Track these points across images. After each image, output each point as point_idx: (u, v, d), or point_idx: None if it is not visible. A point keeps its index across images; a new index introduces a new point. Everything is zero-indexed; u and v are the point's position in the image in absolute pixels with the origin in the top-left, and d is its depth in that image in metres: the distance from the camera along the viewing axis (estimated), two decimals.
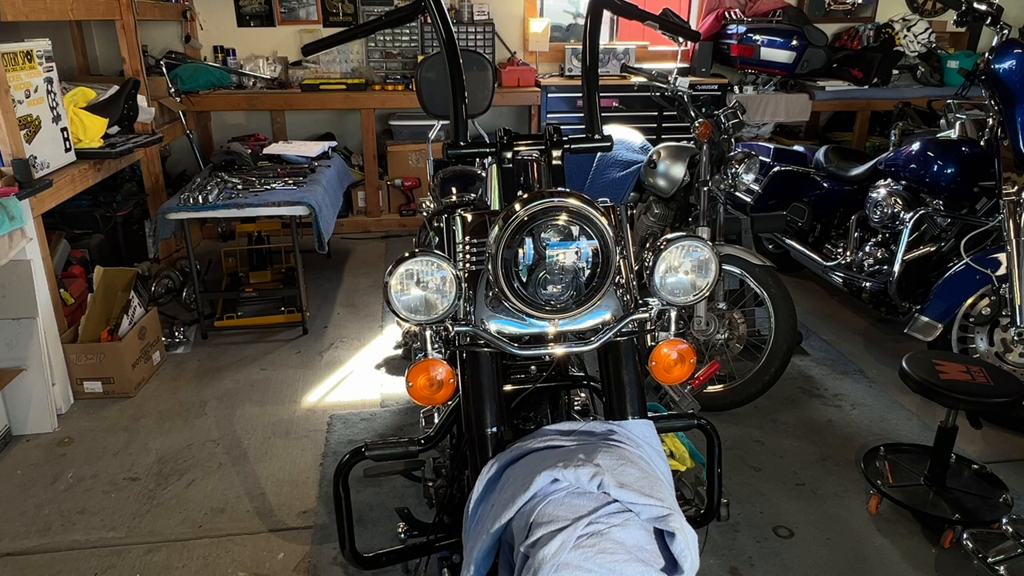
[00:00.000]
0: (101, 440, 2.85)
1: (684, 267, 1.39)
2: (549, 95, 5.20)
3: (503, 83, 5.16)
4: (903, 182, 3.39)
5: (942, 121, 3.45)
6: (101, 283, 3.30)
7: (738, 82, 5.43)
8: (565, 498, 1.12)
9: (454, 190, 2.59)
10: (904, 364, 2.38)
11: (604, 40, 5.66)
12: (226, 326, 3.80)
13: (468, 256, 1.47)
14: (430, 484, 1.71)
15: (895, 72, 5.41)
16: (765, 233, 4.03)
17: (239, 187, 3.70)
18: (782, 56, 5.02)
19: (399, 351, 3.52)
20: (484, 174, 2.67)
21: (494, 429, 1.38)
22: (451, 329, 1.36)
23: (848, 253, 3.65)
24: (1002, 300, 2.81)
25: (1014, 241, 2.78)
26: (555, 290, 1.32)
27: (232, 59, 5.23)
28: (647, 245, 3.39)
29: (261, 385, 3.26)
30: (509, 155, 1.56)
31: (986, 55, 3.00)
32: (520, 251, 1.29)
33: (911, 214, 3.29)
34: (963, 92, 3.39)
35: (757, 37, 5.11)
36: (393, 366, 3.42)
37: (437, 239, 2.41)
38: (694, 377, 2.65)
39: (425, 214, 2.86)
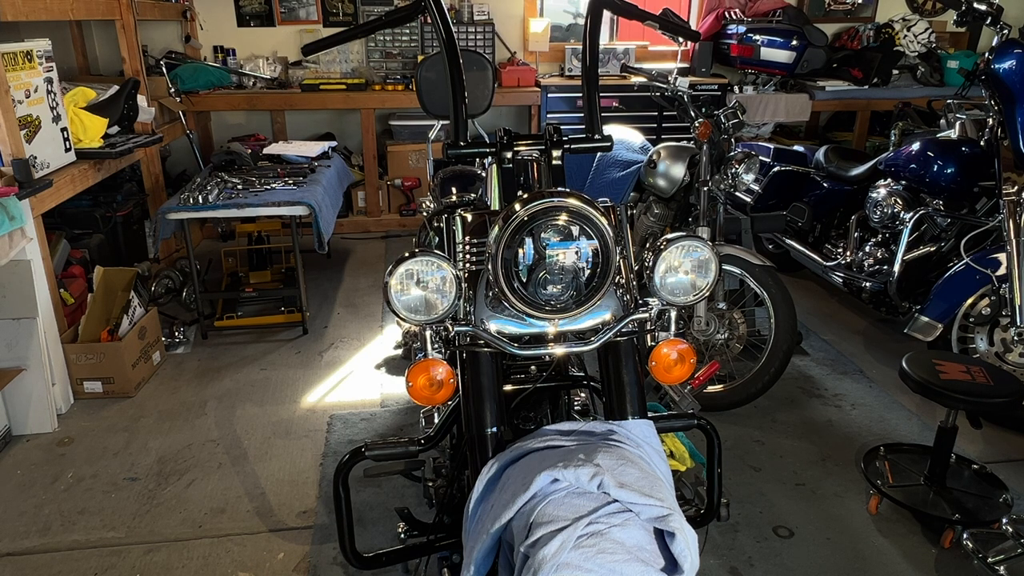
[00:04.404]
0: (101, 440, 2.85)
1: (684, 267, 1.39)
2: (549, 95, 5.20)
3: (503, 83, 5.16)
4: (903, 182, 3.39)
5: (942, 121, 3.45)
6: (101, 283, 3.30)
7: (738, 82, 5.43)
8: (565, 498, 1.12)
9: (454, 190, 2.59)
10: (904, 364, 2.38)
11: (604, 40, 5.66)
12: (226, 326, 3.80)
13: (468, 256, 1.47)
14: (430, 484, 1.71)
15: (895, 72, 5.41)
16: (765, 233, 4.03)
17: (239, 187, 3.70)
18: (782, 56, 5.02)
19: (399, 351, 3.52)
20: (484, 174, 2.67)
21: (494, 429, 1.38)
22: (451, 329, 1.36)
23: (848, 253, 3.65)
24: (1002, 300, 2.81)
25: (1014, 241, 2.78)
26: (555, 290, 1.32)
27: (232, 59, 5.23)
28: (647, 245, 3.39)
29: (261, 385, 3.26)
30: (509, 155, 1.56)
31: (986, 55, 3.00)
32: (520, 251, 1.29)
33: (911, 214, 3.29)
34: (963, 92, 3.38)
35: (757, 37, 5.11)
36: (393, 366, 3.42)
37: (437, 239, 2.40)
38: (694, 377, 2.65)
39: (425, 214, 2.86)
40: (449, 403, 1.54)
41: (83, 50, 4.95)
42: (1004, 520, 2.21)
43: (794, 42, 4.95)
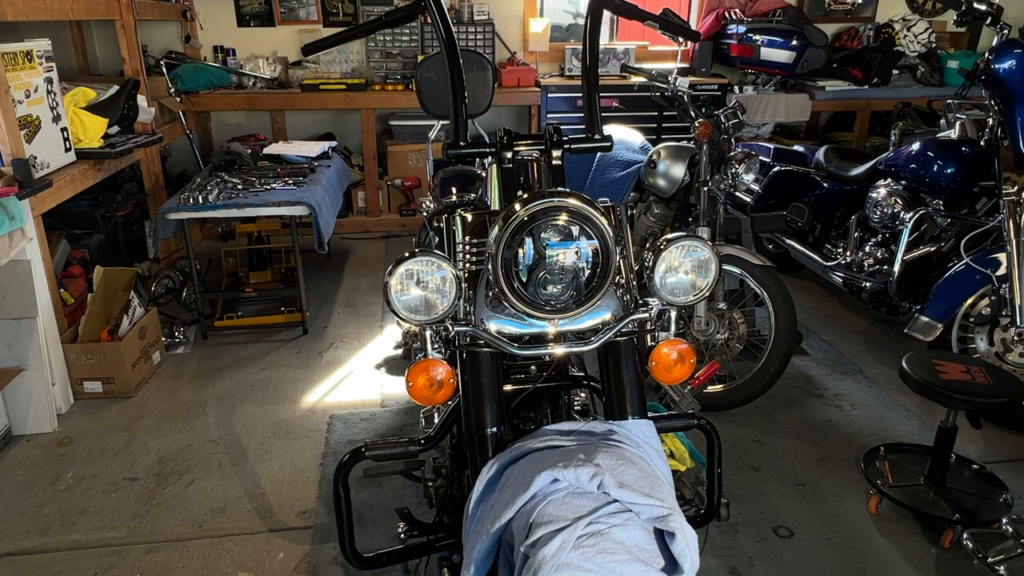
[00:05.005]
0: (101, 440, 2.85)
1: (684, 267, 1.39)
2: (549, 95, 5.20)
3: (503, 83, 5.16)
4: (903, 182, 3.39)
5: (942, 121, 3.45)
6: (101, 283, 3.30)
7: (738, 82, 5.43)
8: (565, 498, 1.12)
9: (454, 190, 2.59)
10: (904, 364, 2.38)
11: (604, 40, 5.66)
12: (226, 326, 3.80)
13: (468, 256, 1.47)
14: (430, 484, 1.71)
15: (895, 72, 5.41)
16: (765, 233, 4.03)
17: (239, 187, 3.70)
18: (782, 56, 5.02)
19: (399, 351, 3.52)
20: (484, 174, 2.67)
21: (494, 429, 1.38)
22: (451, 329, 1.36)
23: (848, 253, 3.65)
24: (1002, 300, 2.81)
25: (1014, 241, 2.78)
26: (555, 290, 1.32)
27: (232, 59, 5.23)
28: (647, 245, 3.38)
29: (261, 385, 3.26)
30: (509, 155, 1.56)
31: (986, 55, 3.00)
32: (520, 251, 1.29)
33: (911, 214, 3.29)
34: (963, 92, 3.39)
35: (757, 37, 5.11)
36: (393, 366, 3.42)
37: (437, 239, 2.41)
38: (694, 377, 2.65)
39: (425, 214, 2.86)
40: (449, 403, 1.54)
41: (83, 50, 4.94)
42: (1004, 520, 2.21)
43: (794, 42, 4.95)
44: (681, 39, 2.51)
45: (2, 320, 2.83)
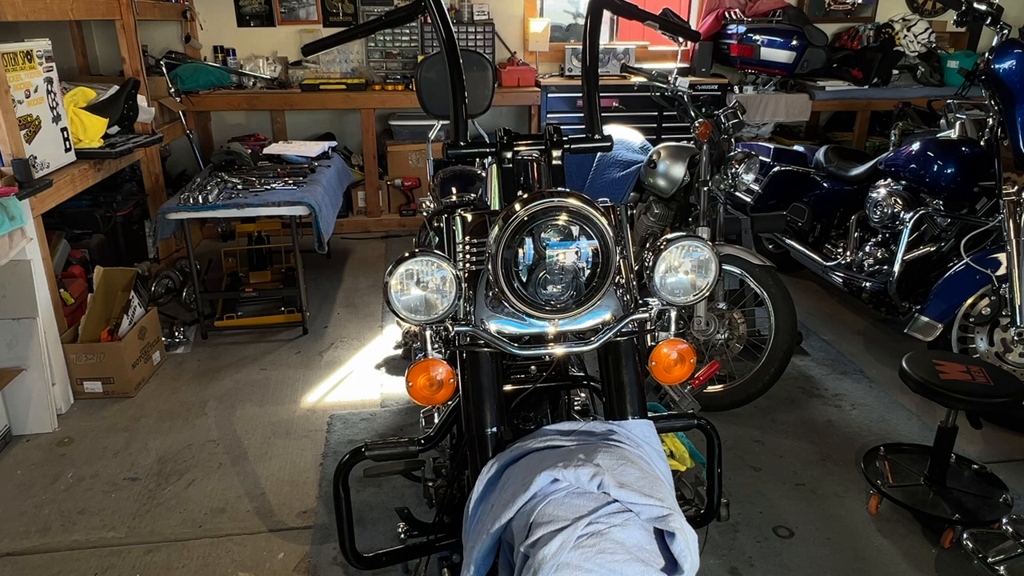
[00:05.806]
0: (101, 440, 2.85)
1: (684, 267, 1.39)
2: (549, 95, 5.20)
3: (503, 83, 5.16)
4: (903, 182, 3.39)
5: (942, 121, 3.45)
6: (101, 283, 3.30)
7: (738, 82, 5.43)
8: (565, 498, 1.12)
9: (454, 190, 2.59)
10: (904, 364, 2.38)
11: (604, 40, 5.66)
12: (226, 326, 3.80)
13: (468, 256, 1.47)
14: (430, 484, 1.71)
15: (895, 72, 5.41)
16: (765, 233, 4.03)
17: (239, 187, 3.70)
18: (782, 56, 5.02)
19: (399, 351, 3.52)
20: (484, 174, 2.67)
21: (494, 429, 1.38)
22: (451, 329, 1.36)
23: (848, 253, 3.65)
24: (1002, 300, 2.81)
25: (1014, 241, 2.78)
26: (555, 290, 1.32)
27: (232, 59, 5.23)
28: (647, 245, 3.38)
29: (261, 385, 3.26)
30: (509, 155, 1.56)
31: (986, 55, 3.00)
32: (520, 251, 1.29)
33: (911, 214, 3.30)
34: (963, 92, 3.39)
35: (757, 37, 5.11)
36: (393, 366, 3.42)
37: (437, 239, 2.41)
38: (694, 377, 2.65)
39: (425, 214, 2.86)
40: (449, 403, 1.54)
41: (83, 50, 4.95)
42: (1004, 520, 2.21)
43: (794, 42, 4.95)
44: (681, 39, 2.51)
45: (2, 320, 2.83)
